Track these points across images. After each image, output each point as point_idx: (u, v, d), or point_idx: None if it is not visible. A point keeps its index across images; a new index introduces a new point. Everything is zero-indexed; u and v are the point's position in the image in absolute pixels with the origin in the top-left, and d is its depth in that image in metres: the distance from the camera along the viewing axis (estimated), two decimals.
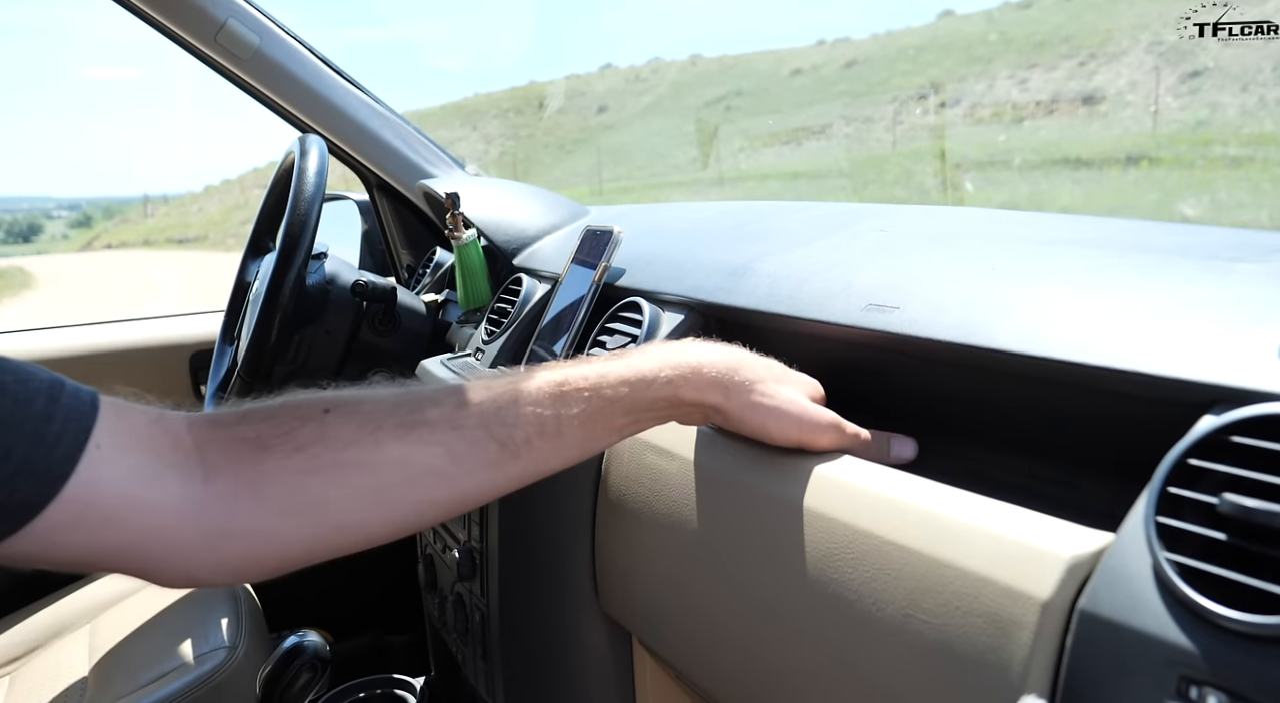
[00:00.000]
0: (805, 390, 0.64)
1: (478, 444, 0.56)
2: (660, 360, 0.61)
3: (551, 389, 0.58)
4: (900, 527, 0.51)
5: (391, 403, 0.57)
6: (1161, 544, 0.40)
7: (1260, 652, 0.36)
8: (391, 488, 0.55)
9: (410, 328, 1.28)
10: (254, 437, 0.54)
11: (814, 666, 0.55)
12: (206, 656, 1.12)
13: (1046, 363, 0.51)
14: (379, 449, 0.54)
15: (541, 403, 0.58)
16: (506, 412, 0.57)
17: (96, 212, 59.24)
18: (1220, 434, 0.41)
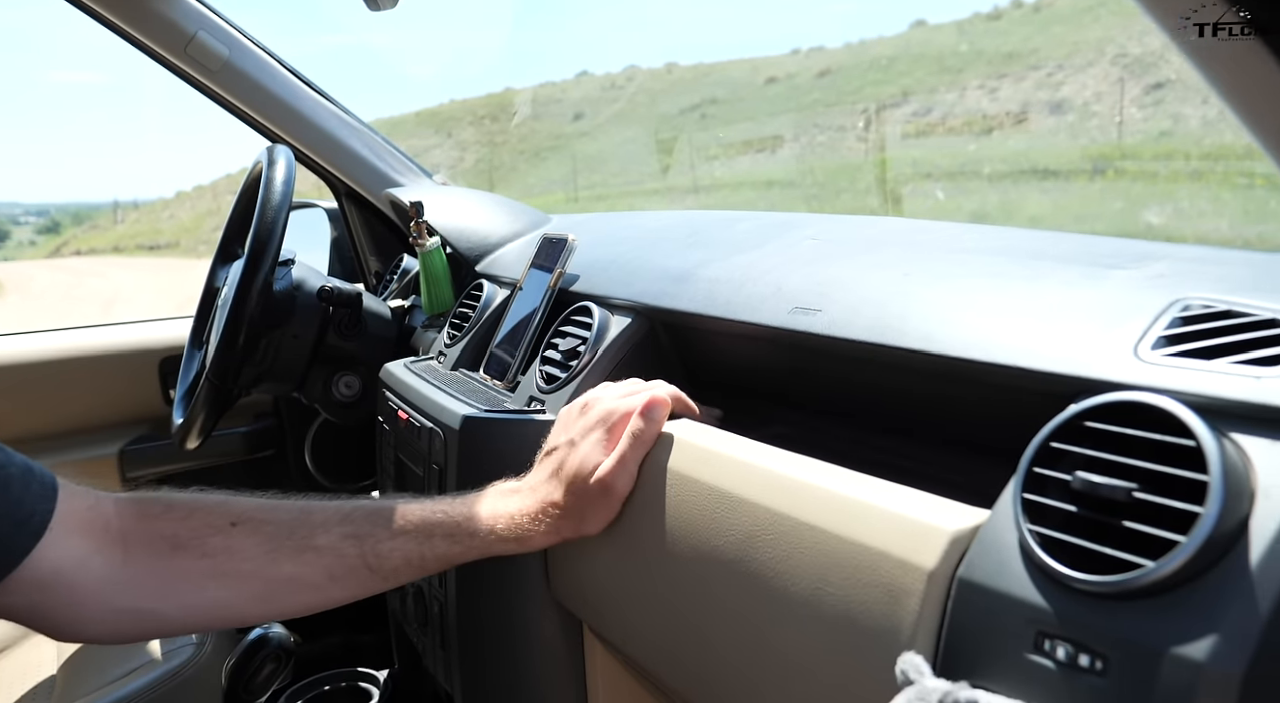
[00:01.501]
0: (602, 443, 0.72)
1: (354, 570, 0.69)
2: (529, 506, 0.72)
3: (422, 528, 0.71)
4: (811, 508, 0.56)
5: (289, 525, 0.69)
6: (1026, 518, 0.46)
7: (1099, 607, 0.41)
8: (277, 596, 0.69)
9: (375, 332, 1.32)
10: (170, 535, 0.66)
11: (739, 642, 0.60)
12: (174, 652, 1.15)
13: (943, 360, 0.57)
14: (274, 566, 0.67)
15: (412, 540, 0.70)
16: (382, 546, 0.70)
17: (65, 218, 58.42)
18: (1077, 420, 0.46)
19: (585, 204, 25.82)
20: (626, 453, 0.70)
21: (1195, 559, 0.39)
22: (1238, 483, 0.40)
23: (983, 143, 25.01)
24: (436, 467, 0.90)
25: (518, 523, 0.71)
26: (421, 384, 1.01)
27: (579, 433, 0.72)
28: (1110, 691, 0.40)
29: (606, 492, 0.69)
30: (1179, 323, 0.49)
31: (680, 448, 0.69)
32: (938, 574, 0.48)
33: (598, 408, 0.73)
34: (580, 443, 0.72)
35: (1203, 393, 0.44)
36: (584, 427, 0.72)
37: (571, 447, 0.72)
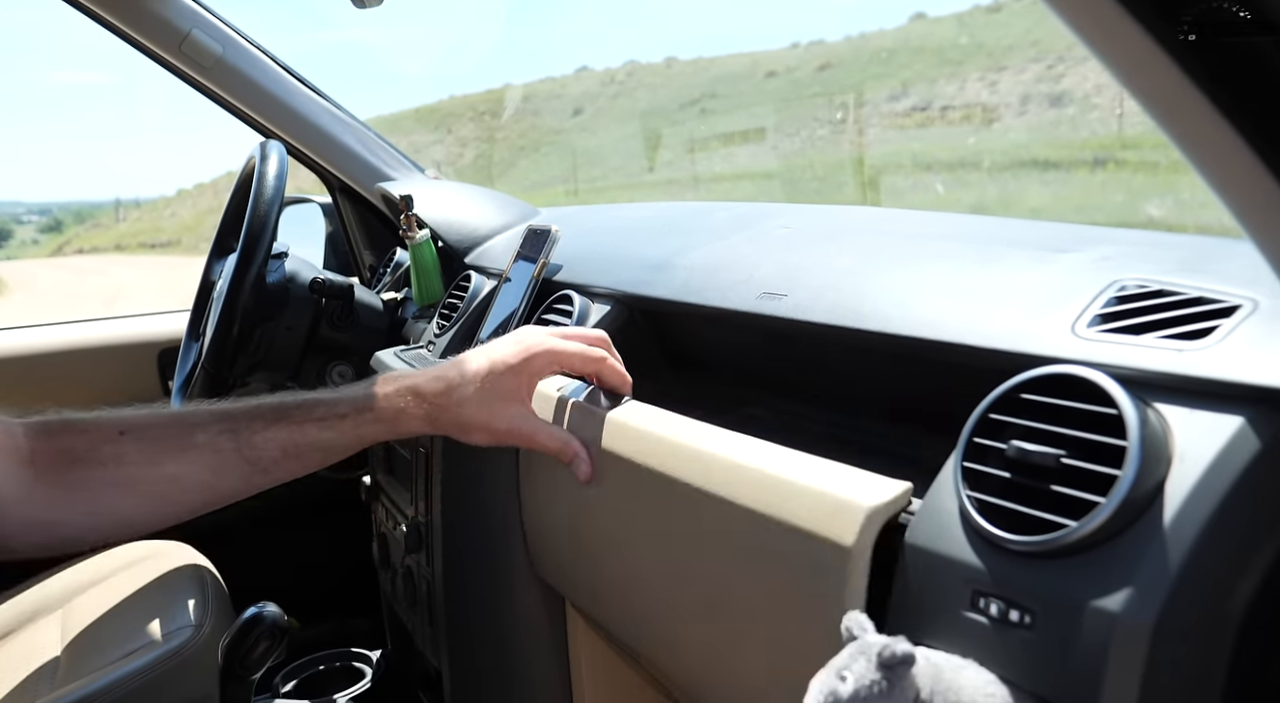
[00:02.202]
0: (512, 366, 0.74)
1: (232, 464, 0.72)
2: (388, 388, 0.74)
3: (294, 415, 0.73)
4: (745, 491, 0.57)
5: (170, 428, 0.73)
6: (966, 485, 0.48)
7: (1028, 566, 0.44)
8: (167, 496, 0.73)
9: (368, 323, 1.34)
10: (69, 449, 0.71)
11: (697, 613, 0.63)
12: (174, 633, 1.18)
13: (897, 340, 0.59)
14: (158, 468, 0.72)
15: (284, 429, 0.73)
16: (257, 437, 0.72)
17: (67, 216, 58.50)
18: (1013, 393, 0.49)
19: (585, 197, 25.81)
20: (540, 422, 0.73)
21: (1113, 519, 0.42)
22: (1156, 449, 0.43)
23: (983, 136, 24.95)
24: (423, 450, 0.93)
25: (390, 404, 0.73)
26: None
27: (494, 357, 0.74)
28: (1036, 642, 0.42)
29: (527, 429, 0.72)
30: (1115, 302, 0.52)
31: (632, 435, 0.69)
32: (857, 550, 0.49)
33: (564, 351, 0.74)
34: (495, 363, 0.73)
35: (1130, 366, 0.47)
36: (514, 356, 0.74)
37: (511, 367, 0.73)
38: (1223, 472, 0.41)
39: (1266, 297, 0.46)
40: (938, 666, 0.44)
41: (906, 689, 0.43)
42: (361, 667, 1.16)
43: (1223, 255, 0.54)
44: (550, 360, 0.74)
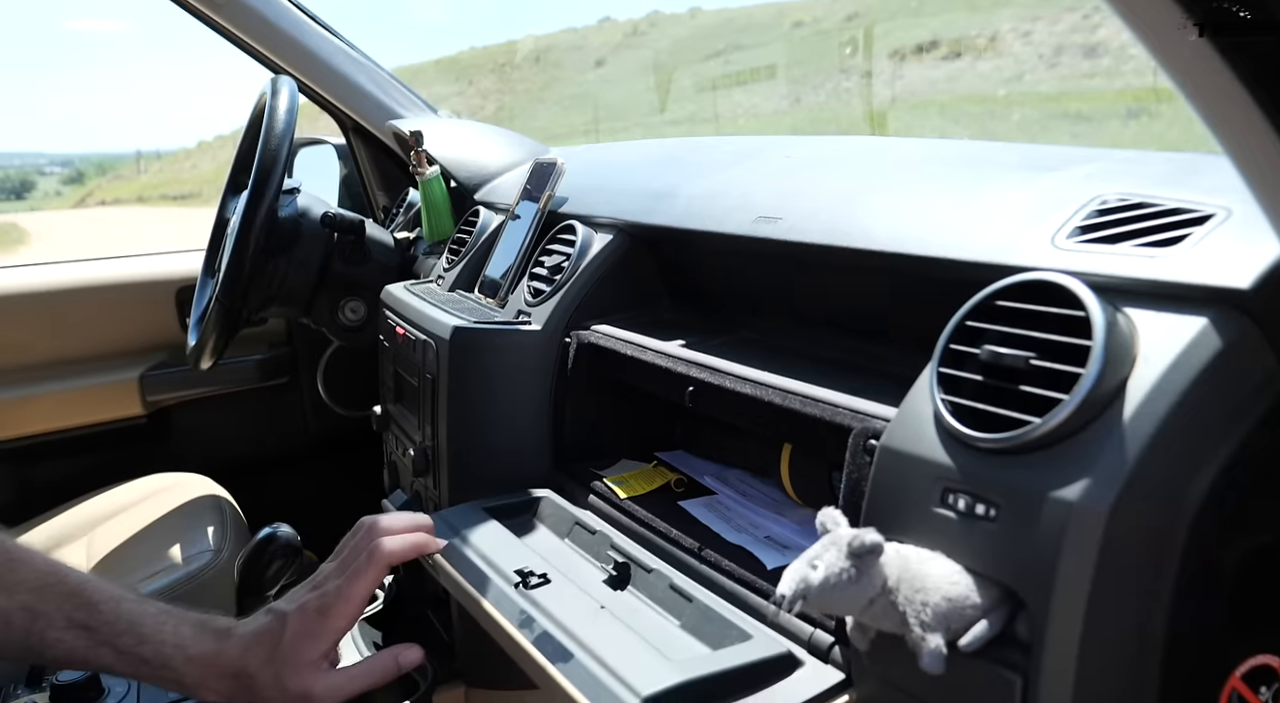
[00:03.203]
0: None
1: (13, 642, 0.64)
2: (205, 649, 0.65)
3: (101, 633, 0.65)
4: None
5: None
6: (941, 389, 0.50)
7: (995, 462, 0.46)
8: None
9: (379, 259, 1.36)
10: None
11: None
12: (194, 557, 1.23)
13: (885, 257, 0.61)
14: None
15: (81, 639, 0.65)
16: (50, 634, 0.64)
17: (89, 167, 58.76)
18: (990, 300, 0.50)
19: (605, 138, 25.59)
20: (356, 678, 0.66)
21: (1076, 415, 0.43)
22: (1120, 349, 0.44)
23: (1013, 87, 24.41)
24: (430, 377, 0.95)
25: (190, 673, 0.65)
26: (418, 302, 1.06)
27: (296, 609, 0.66)
28: (999, 533, 0.44)
29: (305, 698, 0.64)
30: (1095, 214, 0.52)
31: None
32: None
33: (322, 588, 0.67)
34: (293, 621, 0.65)
35: (1103, 273, 0.48)
36: (303, 605, 0.66)
37: (284, 621, 0.65)
38: (1183, 370, 0.42)
39: (1240, 204, 0.47)
40: (905, 557, 0.46)
41: (874, 577, 0.45)
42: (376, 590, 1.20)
43: (1206, 169, 0.54)
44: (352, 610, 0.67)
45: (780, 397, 0.62)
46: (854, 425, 0.56)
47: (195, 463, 1.54)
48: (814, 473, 0.71)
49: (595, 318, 0.89)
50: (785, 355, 0.70)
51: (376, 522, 0.70)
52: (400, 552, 0.69)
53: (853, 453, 0.54)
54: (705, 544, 0.69)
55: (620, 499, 0.79)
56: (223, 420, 1.72)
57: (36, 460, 1.57)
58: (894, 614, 0.45)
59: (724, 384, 0.68)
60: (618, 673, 0.52)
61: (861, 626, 0.49)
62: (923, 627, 0.44)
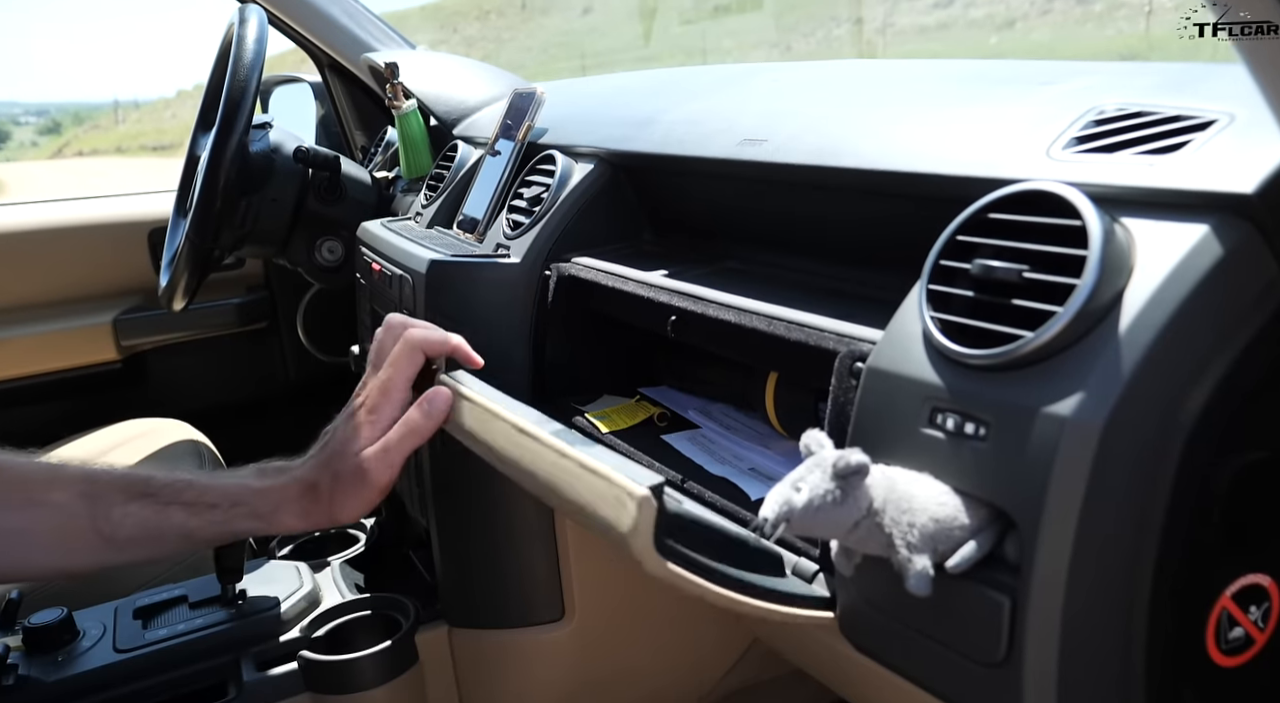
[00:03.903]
0: None
1: (83, 533, 0.66)
2: (265, 482, 0.69)
3: (162, 496, 0.67)
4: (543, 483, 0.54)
5: (23, 476, 0.66)
6: (930, 307, 0.48)
7: (985, 379, 0.44)
8: (6, 551, 0.65)
9: (356, 197, 1.33)
10: None
11: None
12: None
13: (873, 175, 0.58)
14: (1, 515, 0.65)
15: (149, 507, 0.67)
16: (115, 511, 0.66)
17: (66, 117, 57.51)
18: (981, 213, 0.48)
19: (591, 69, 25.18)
20: (393, 445, 0.65)
21: (1070, 328, 0.41)
22: (1117, 259, 0.42)
23: (1004, 35, 24.11)
24: (407, 312, 0.93)
25: (264, 503, 0.68)
26: (394, 238, 1.03)
27: (345, 417, 0.69)
28: (989, 452, 0.43)
29: (362, 480, 0.65)
30: (1092, 125, 0.50)
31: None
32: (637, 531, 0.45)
33: (365, 391, 0.68)
34: (344, 428, 0.68)
35: (1100, 182, 0.46)
36: (350, 412, 0.69)
37: (336, 431, 0.68)
38: (1181, 281, 0.40)
39: (1244, 109, 0.45)
40: (892, 478, 0.45)
41: (859, 499, 0.44)
42: (356, 533, 1.19)
43: (1207, 77, 0.52)
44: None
45: (765, 323, 0.60)
46: (840, 349, 0.54)
47: (172, 409, 1.52)
48: (800, 403, 0.69)
49: (576, 250, 0.86)
50: (770, 283, 0.68)
51: (402, 317, 0.71)
52: (433, 341, 0.68)
53: (838, 376, 0.53)
54: (688, 477, 0.68)
55: (602, 434, 0.78)
56: (200, 366, 1.69)
57: (7, 407, 1.54)
58: (880, 536, 0.44)
59: (706, 312, 0.66)
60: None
61: (846, 549, 0.48)
62: (909, 548, 0.43)
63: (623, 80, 1.16)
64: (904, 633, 0.47)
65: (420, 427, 0.65)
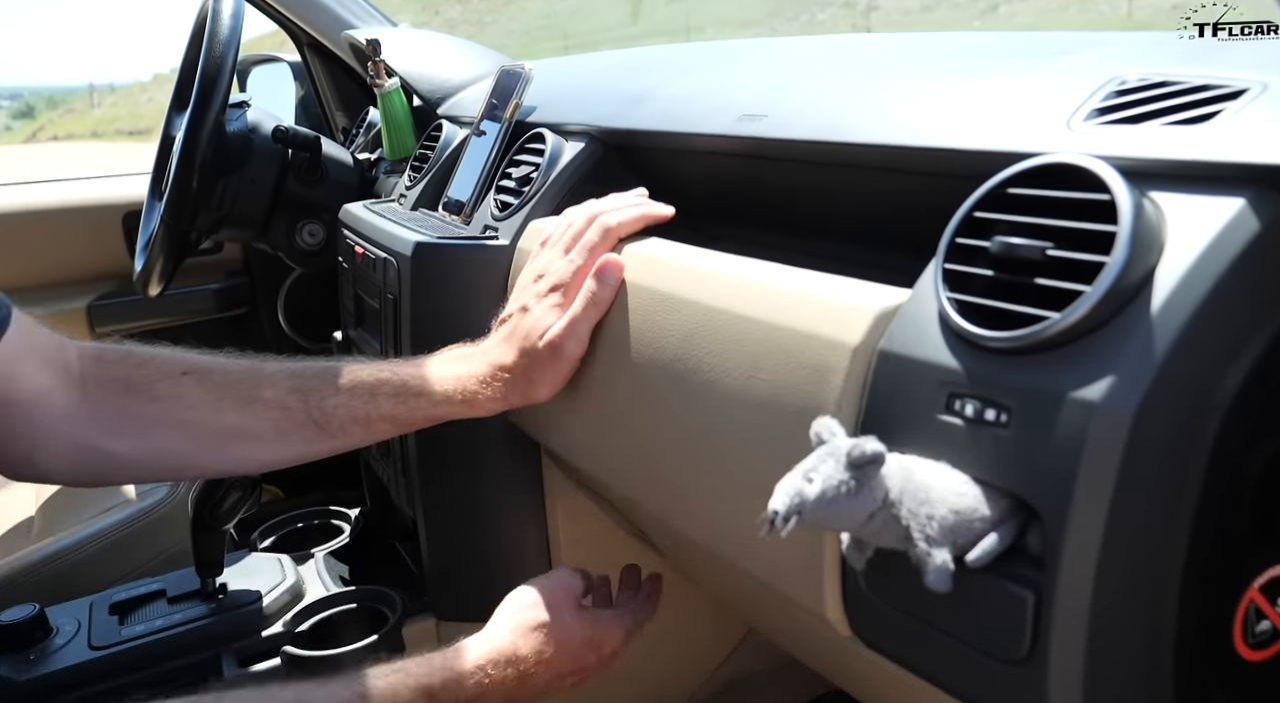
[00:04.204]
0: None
1: (300, 425, 0.69)
2: (463, 368, 0.71)
3: (369, 386, 0.70)
4: (745, 302, 0.56)
5: (236, 377, 0.69)
6: (946, 287, 0.45)
7: (1007, 363, 0.42)
8: (224, 446, 0.69)
9: (337, 179, 1.29)
10: (124, 378, 0.67)
11: (677, 441, 0.61)
12: (149, 492, 1.18)
13: (881, 150, 0.56)
14: (219, 416, 0.67)
15: (358, 397, 0.70)
16: (328, 402, 0.69)
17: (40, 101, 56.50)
18: (1000, 189, 0.45)
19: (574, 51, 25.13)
20: (578, 316, 0.68)
21: (1099, 308, 0.39)
22: (1147, 235, 0.40)
23: (988, 19, 24.11)
24: (391, 297, 0.90)
25: (464, 386, 0.70)
26: (378, 220, 1.00)
27: (532, 298, 0.71)
28: (1012, 440, 0.40)
29: (556, 355, 0.68)
30: (1114, 95, 0.48)
31: (627, 256, 0.68)
32: (861, 350, 0.48)
33: (551, 273, 0.71)
34: (534, 308, 0.70)
35: (1126, 155, 0.43)
36: (537, 292, 0.71)
37: (524, 312, 0.71)
38: (1217, 257, 0.38)
39: (1276, 77, 0.42)
40: (908, 468, 0.42)
41: (875, 490, 0.42)
42: (340, 524, 1.16)
43: (1230, 48, 0.49)
44: None
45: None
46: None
47: None
48: None
49: None
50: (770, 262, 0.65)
51: (593, 203, 0.73)
52: (628, 224, 0.70)
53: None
54: None
55: None
56: None
57: None
58: (896, 529, 0.42)
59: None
60: None
61: (858, 542, 0.46)
62: (928, 542, 0.41)
63: (612, 57, 1.12)
64: (919, 630, 0.45)
65: (599, 297, 0.68)
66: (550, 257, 0.73)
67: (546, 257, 0.73)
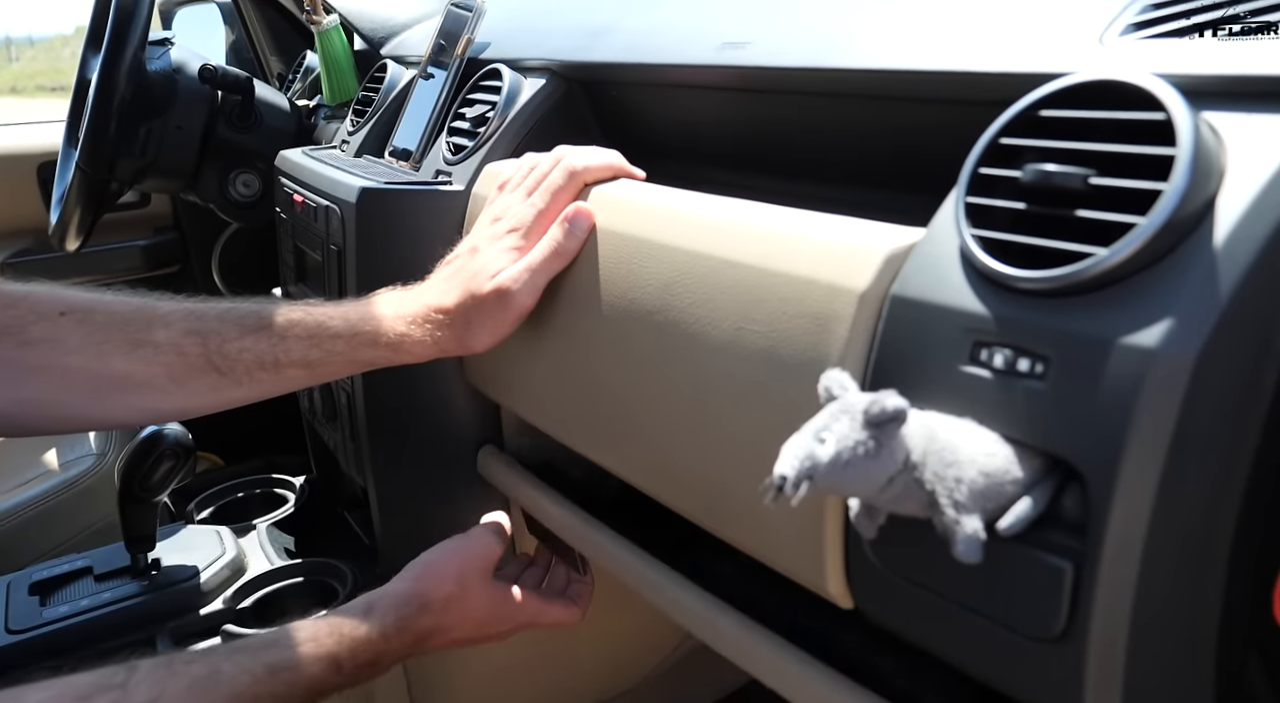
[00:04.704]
0: None
1: (199, 371, 0.61)
2: (390, 309, 0.64)
3: (278, 327, 0.62)
4: (735, 246, 0.51)
5: (122, 318, 0.60)
6: (969, 223, 0.40)
7: (1043, 306, 0.37)
8: (111, 395, 0.60)
9: (272, 124, 1.20)
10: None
11: (658, 400, 0.56)
12: (73, 462, 1.10)
13: (886, 75, 0.50)
14: (103, 361, 0.59)
15: (265, 340, 0.62)
16: (230, 346, 0.61)
17: None
18: (1031, 111, 0.40)
19: None
20: (536, 264, 0.62)
21: (1154, 242, 0.34)
22: (1207, 160, 0.35)
23: None
24: (335, 248, 0.82)
25: (391, 327, 0.63)
26: (318, 166, 0.92)
27: (486, 240, 0.65)
28: (1049, 393, 0.36)
29: (503, 301, 0.62)
30: (1149, 8, 0.43)
31: (596, 200, 0.62)
32: (869, 295, 0.43)
33: (510, 215, 0.65)
34: (485, 249, 0.64)
35: (1173, 71, 0.38)
36: (492, 234, 0.65)
37: (474, 253, 0.65)
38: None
39: None
40: (930, 426, 0.38)
41: (895, 451, 0.37)
42: (284, 493, 1.09)
43: None
44: None
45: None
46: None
47: None
48: None
49: None
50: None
51: (560, 148, 0.66)
52: (595, 170, 0.64)
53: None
54: None
55: None
56: None
57: None
58: (918, 494, 0.37)
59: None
60: None
61: (870, 510, 0.41)
62: (956, 508, 0.36)
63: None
64: (935, 604, 0.41)
65: (564, 247, 0.62)
66: (510, 200, 0.66)
67: (506, 200, 0.67)
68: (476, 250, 0.65)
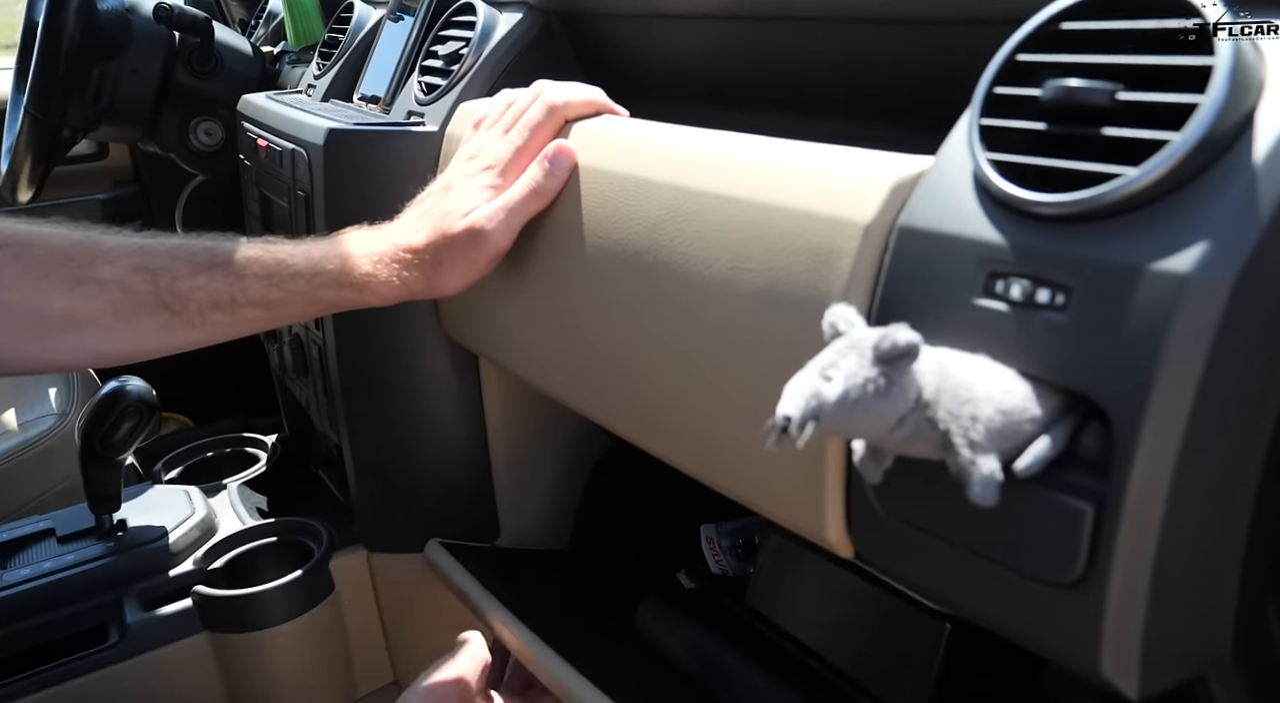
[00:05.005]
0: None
1: (147, 309, 0.57)
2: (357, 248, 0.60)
3: (234, 265, 0.58)
4: (729, 181, 0.48)
5: (63, 252, 0.56)
6: (984, 146, 0.38)
7: (1065, 232, 0.34)
8: (53, 335, 0.56)
9: (234, 69, 1.14)
10: None
11: (646, 346, 0.53)
12: (33, 421, 1.06)
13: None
14: (43, 298, 0.55)
15: (220, 278, 0.58)
16: (182, 283, 0.57)
17: None
18: (1051, 24, 0.38)
19: None
20: (513, 204, 0.59)
21: (1188, 159, 0.32)
22: (1246, 72, 0.32)
23: None
24: (302, 194, 0.78)
25: (356, 266, 0.59)
26: (284, 109, 0.87)
27: (460, 177, 0.61)
28: (1070, 325, 0.34)
29: (475, 241, 0.58)
30: None
31: (578, 137, 0.59)
32: (875, 227, 0.40)
33: (486, 153, 0.61)
34: (459, 186, 0.61)
35: None
36: (466, 172, 0.61)
37: (446, 191, 0.61)
38: None
39: None
40: (943, 362, 0.35)
41: (907, 389, 0.34)
42: (255, 452, 1.06)
43: None
44: None
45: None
46: None
47: None
48: None
49: None
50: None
51: (538, 83, 0.63)
52: (576, 106, 0.61)
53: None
54: None
55: None
56: None
57: None
58: (930, 434, 0.35)
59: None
60: None
61: (876, 451, 0.39)
62: (972, 448, 0.34)
63: None
64: (946, 552, 0.39)
65: (543, 186, 0.59)
66: (486, 138, 0.63)
67: (482, 138, 0.63)
68: (450, 188, 0.61)
